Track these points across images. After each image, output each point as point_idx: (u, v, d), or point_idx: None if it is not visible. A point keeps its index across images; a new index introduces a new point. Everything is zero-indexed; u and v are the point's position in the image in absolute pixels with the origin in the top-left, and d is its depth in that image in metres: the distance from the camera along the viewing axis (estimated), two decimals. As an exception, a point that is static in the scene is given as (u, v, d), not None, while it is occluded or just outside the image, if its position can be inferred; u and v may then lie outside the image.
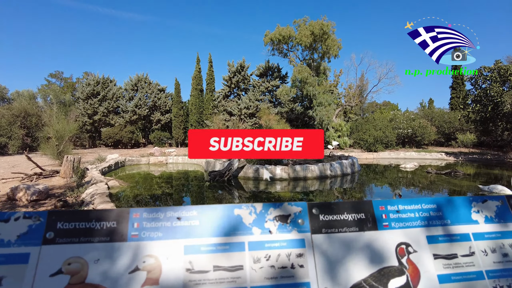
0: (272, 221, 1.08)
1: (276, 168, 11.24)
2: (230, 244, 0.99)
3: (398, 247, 1.15)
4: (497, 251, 1.21)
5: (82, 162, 14.25)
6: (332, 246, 1.08)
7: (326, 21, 23.44)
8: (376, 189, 10.24)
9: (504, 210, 1.31)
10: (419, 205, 1.26)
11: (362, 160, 19.30)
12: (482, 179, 11.86)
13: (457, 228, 1.24)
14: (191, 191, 9.91)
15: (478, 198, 1.32)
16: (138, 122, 26.32)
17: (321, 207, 1.13)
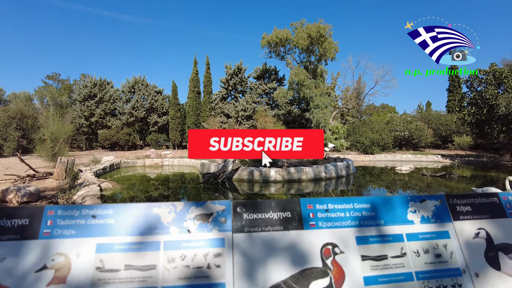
0: (192, 220, 1.05)
1: (271, 170, 11.21)
2: (145, 243, 0.97)
3: (323, 247, 1.12)
4: (430, 251, 1.19)
5: (77, 164, 14.23)
6: (254, 245, 1.05)
7: (323, 24, 23.51)
8: (369, 192, 10.21)
9: (443, 209, 1.28)
10: (350, 204, 1.22)
11: (358, 163, 19.29)
12: (476, 181, 11.84)
13: (391, 229, 1.21)
14: (184, 193, 9.88)
15: (416, 197, 1.29)
16: (135, 124, 26.30)
17: (246, 206, 1.11)
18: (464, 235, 1.23)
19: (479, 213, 1.29)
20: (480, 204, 1.31)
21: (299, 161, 15.21)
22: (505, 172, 14.16)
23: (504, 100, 14.47)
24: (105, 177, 12.44)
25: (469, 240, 1.23)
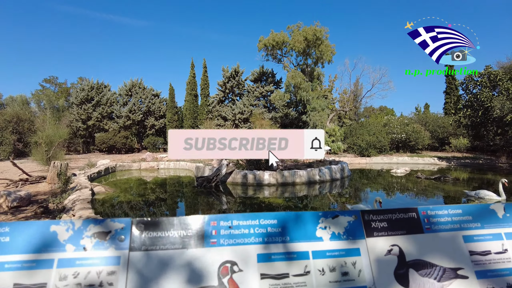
0: (90, 237, 1.03)
1: (265, 174, 11.20)
2: (38, 261, 0.95)
3: (221, 265, 1.09)
4: (337, 269, 1.15)
5: (72, 168, 14.19)
6: (150, 264, 1.03)
7: (319, 27, 23.58)
8: (361, 195, 10.20)
9: (356, 226, 1.25)
10: (256, 220, 1.19)
11: (354, 165, 19.28)
12: (471, 184, 11.85)
13: (296, 246, 1.17)
14: (176, 197, 9.86)
15: (328, 213, 1.25)
16: (132, 127, 26.28)
17: (147, 224, 1.09)
18: (376, 252, 1.19)
19: (394, 229, 1.24)
20: (396, 220, 1.27)
21: (294, 164, 15.22)
22: (500, 174, 14.16)
23: (499, 103, 14.52)
24: (100, 181, 12.42)
25: (380, 257, 1.18)
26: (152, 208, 7.97)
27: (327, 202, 8.66)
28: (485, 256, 1.19)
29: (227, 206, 8.42)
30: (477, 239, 1.23)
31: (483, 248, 1.22)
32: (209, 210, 7.97)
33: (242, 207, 8.21)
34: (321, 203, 8.59)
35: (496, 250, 1.22)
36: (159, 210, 7.74)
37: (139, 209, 7.77)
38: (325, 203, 8.52)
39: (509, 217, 1.29)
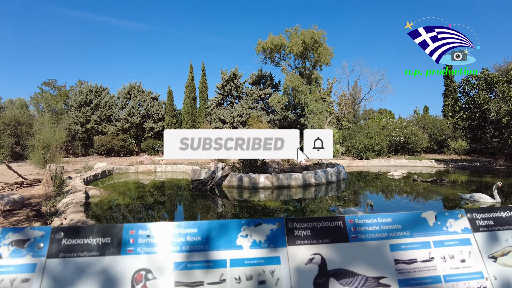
0: (7, 245, 1.04)
1: (260, 177, 11.22)
2: None
3: (136, 273, 1.09)
4: (254, 278, 1.14)
5: (69, 171, 14.24)
6: (66, 271, 1.04)
7: (317, 30, 23.65)
8: (355, 198, 10.19)
9: (279, 234, 1.24)
10: (176, 229, 1.20)
11: (352, 168, 19.28)
12: (467, 187, 11.83)
13: (215, 254, 1.17)
14: (171, 200, 9.87)
15: (251, 221, 1.25)
16: (131, 130, 26.35)
17: (66, 231, 1.10)
18: (296, 261, 1.18)
19: (318, 238, 1.24)
20: (321, 228, 1.27)
21: (290, 167, 15.23)
22: (497, 177, 14.13)
23: (495, 105, 14.52)
24: (96, 184, 12.45)
25: (301, 266, 1.18)
26: (144, 212, 8.00)
27: (320, 205, 8.66)
28: (410, 265, 1.18)
29: (222, 209, 8.44)
30: (404, 248, 1.23)
31: (409, 257, 1.21)
32: (205, 213, 7.99)
33: (235, 210, 8.23)
34: (314, 206, 8.59)
35: (423, 258, 1.22)
36: (150, 214, 7.76)
37: (130, 213, 7.80)
38: (318, 206, 8.53)
39: (440, 225, 1.29)
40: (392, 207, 8.56)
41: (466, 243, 1.26)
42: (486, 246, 1.26)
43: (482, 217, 1.32)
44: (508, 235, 1.28)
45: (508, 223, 1.31)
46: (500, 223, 1.32)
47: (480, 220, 1.32)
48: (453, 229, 1.28)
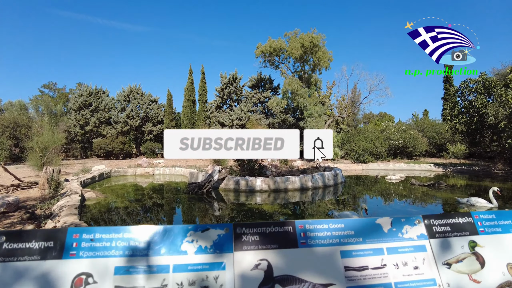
0: None
1: (257, 180, 11.20)
2: None
3: (76, 277, 1.09)
4: (197, 284, 1.13)
5: (66, 173, 14.25)
6: (6, 275, 1.04)
7: (316, 34, 23.75)
8: (351, 201, 10.16)
9: (226, 239, 1.23)
10: (120, 234, 1.18)
11: (351, 171, 19.23)
12: (465, 191, 11.79)
13: (158, 259, 1.16)
14: (166, 203, 9.85)
15: (198, 226, 1.24)
16: (130, 133, 26.40)
17: (9, 235, 1.10)
18: (242, 267, 1.16)
19: (266, 243, 1.22)
20: (270, 234, 1.24)
21: (288, 170, 15.19)
22: (495, 181, 14.08)
23: (493, 109, 14.50)
24: (94, 187, 12.45)
25: (246, 272, 1.16)
26: (136, 215, 7.99)
27: (316, 209, 8.63)
28: (361, 272, 1.17)
29: (219, 213, 8.43)
30: (356, 254, 1.21)
31: (360, 264, 1.19)
32: (202, 216, 7.98)
33: (232, 214, 8.22)
34: (311, 210, 8.56)
35: (374, 265, 1.20)
36: (143, 217, 7.75)
37: (124, 216, 7.80)
38: (315, 210, 8.50)
39: (395, 231, 1.28)
40: (387, 211, 8.53)
41: (421, 249, 1.25)
42: (441, 252, 1.25)
43: (439, 223, 1.32)
44: (464, 242, 1.27)
45: (465, 229, 1.31)
46: (457, 229, 1.31)
47: (437, 226, 1.31)
48: (408, 235, 1.27)
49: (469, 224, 1.32)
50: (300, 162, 17.90)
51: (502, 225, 1.33)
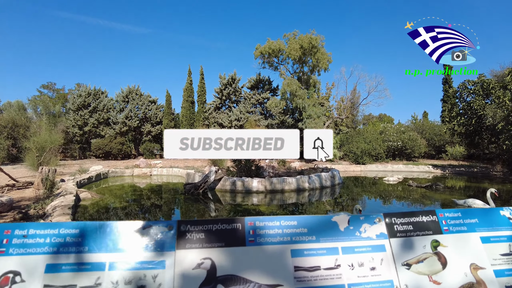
0: None
1: (253, 181, 11.15)
2: None
3: (2, 276, 1.04)
4: (133, 283, 1.09)
5: (64, 174, 14.23)
6: None
7: (315, 35, 23.74)
8: (347, 203, 10.10)
9: (169, 237, 1.18)
10: (56, 229, 1.14)
11: (349, 173, 19.17)
12: (462, 192, 11.73)
13: (94, 257, 1.12)
14: (162, 204, 9.81)
15: (141, 223, 1.19)
16: (129, 133, 26.38)
17: None
18: (183, 266, 1.12)
19: (212, 241, 1.17)
20: (217, 231, 1.19)
21: (286, 171, 15.15)
22: (493, 183, 14.01)
23: (491, 111, 14.45)
24: (90, 187, 12.43)
25: (187, 271, 1.11)
26: (131, 216, 7.95)
27: (311, 210, 8.56)
28: (311, 272, 1.11)
29: (215, 214, 8.38)
30: (307, 254, 1.15)
31: (312, 264, 1.14)
32: (199, 217, 7.94)
33: (228, 214, 8.18)
34: (307, 210, 8.50)
35: (327, 265, 1.14)
36: (137, 217, 7.72)
37: (117, 216, 7.76)
38: (310, 211, 8.44)
39: (352, 230, 1.23)
40: (383, 212, 8.47)
41: (380, 249, 1.20)
42: (402, 252, 1.20)
43: (401, 222, 1.27)
44: (427, 241, 1.22)
45: (428, 228, 1.26)
46: (419, 228, 1.26)
47: (398, 225, 1.26)
48: (367, 234, 1.22)
49: (433, 223, 1.27)
50: (298, 163, 17.85)
51: (467, 223, 1.29)
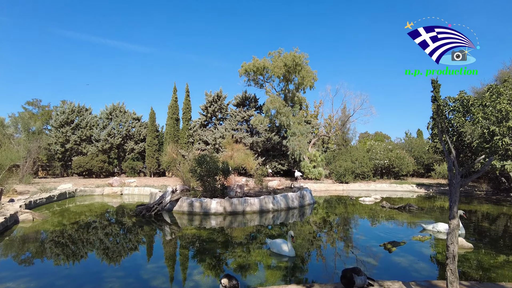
0: None
1: (212, 202, 10.58)
2: None
3: None
4: None
5: (27, 193, 13.68)
6: None
7: (298, 53, 23.65)
8: (297, 227, 9.45)
9: None
10: None
11: (330, 192, 18.52)
12: (436, 214, 11.08)
13: None
14: (101, 228, 9.18)
15: None
16: (111, 151, 25.99)
17: None
18: None
19: None
20: None
21: (258, 190, 14.46)
22: (472, 203, 13.36)
23: (469, 128, 13.94)
24: (50, 207, 11.89)
25: None
26: (50, 243, 7.35)
27: (251, 235, 7.91)
28: None
29: (145, 243, 7.80)
30: None
31: None
32: (115, 250, 7.35)
33: (165, 243, 7.60)
34: (242, 237, 7.86)
35: None
36: (55, 245, 7.11)
37: (38, 243, 7.18)
38: (247, 237, 7.79)
39: None
40: (322, 240, 7.86)
41: None
42: None
43: None
44: None
45: None
46: None
47: None
48: None
49: None
50: (276, 182, 17.23)
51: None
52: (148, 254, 6.33)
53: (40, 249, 6.41)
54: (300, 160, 22.52)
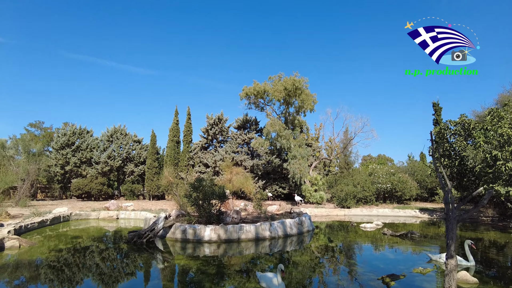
0: None
1: (206, 229, 10.21)
2: None
3: None
4: None
5: (16, 217, 13.38)
6: None
7: (298, 77, 23.92)
8: (290, 257, 9.04)
9: None
10: None
11: (332, 217, 18.02)
12: (439, 242, 10.59)
13: None
14: (89, 257, 8.82)
15: None
16: (110, 173, 25.84)
17: None
18: None
19: None
20: None
21: (257, 216, 14.03)
22: (478, 231, 12.84)
23: (471, 152, 13.68)
24: (43, 231, 11.61)
25: None
26: (32, 274, 7.03)
27: (242, 267, 7.53)
28: None
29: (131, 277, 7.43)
30: None
31: None
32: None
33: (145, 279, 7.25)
34: (230, 268, 7.48)
35: None
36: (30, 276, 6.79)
37: (17, 275, 6.86)
38: (234, 268, 7.42)
39: None
40: (323, 272, 7.46)
41: None
42: None
43: None
44: None
45: None
46: None
47: None
48: None
49: None
50: (276, 207, 16.83)
51: None
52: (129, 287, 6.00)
53: (18, 279, 6.11)
54: (301, 184, 22.16)
